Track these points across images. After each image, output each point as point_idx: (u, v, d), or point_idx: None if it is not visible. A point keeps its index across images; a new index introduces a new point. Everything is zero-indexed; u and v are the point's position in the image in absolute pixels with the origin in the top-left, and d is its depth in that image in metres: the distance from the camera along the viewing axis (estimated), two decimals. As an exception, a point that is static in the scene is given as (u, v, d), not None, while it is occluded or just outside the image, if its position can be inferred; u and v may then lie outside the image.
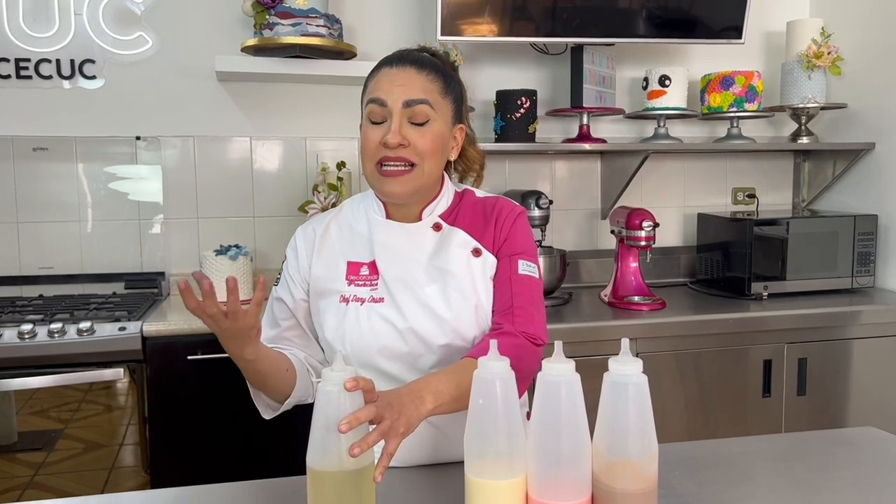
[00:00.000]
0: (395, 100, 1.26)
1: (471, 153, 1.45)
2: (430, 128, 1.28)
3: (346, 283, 1.34)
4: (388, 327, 1.30)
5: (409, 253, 1.34)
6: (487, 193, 1.45)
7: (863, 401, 2.52)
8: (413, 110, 1.27)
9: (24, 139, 2.56)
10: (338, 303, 1.33)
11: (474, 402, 0.97)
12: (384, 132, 1.26)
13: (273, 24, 2.41)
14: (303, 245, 1.39)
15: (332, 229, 1.40)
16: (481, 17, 2.58)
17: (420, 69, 1.30)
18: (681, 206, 3.09)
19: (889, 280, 2.78)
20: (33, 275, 2.58)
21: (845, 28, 2.89)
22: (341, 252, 1.37)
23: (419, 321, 1.30)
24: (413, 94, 1.27)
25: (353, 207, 1.43)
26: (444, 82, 1.32)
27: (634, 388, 0.95)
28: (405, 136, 1.26)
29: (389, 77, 1.29)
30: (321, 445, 0.96)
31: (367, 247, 1.36)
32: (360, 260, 1.35)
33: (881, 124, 2.80)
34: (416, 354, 1.31)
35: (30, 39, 2.53)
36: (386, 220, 1.37)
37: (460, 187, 1.45)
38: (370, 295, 1.32)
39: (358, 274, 1.34)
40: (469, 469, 0.98)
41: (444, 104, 1.31)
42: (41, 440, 2.13)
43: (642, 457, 0.95)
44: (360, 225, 1.39)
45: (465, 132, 1.40)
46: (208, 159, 2.69)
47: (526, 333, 1.29)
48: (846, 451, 1.35)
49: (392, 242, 1.35)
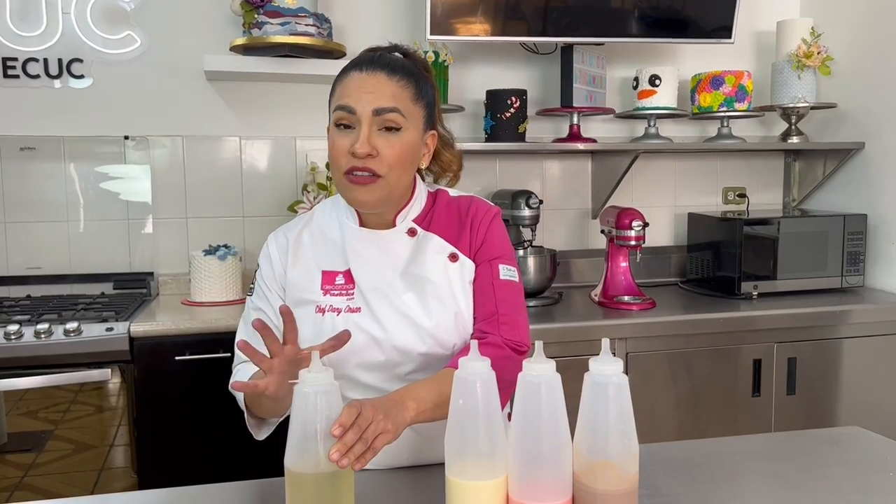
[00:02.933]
0: (363, 107, 1.22)
1: (446, 157, 1.41)
2: (401, 137, 1.24)
3: (322, 292, 1.31)
4: (366, 337, 1.28)
5: (384, 261, 1.32)
6: (461, 193, 1.42)
7: (852, 400, 2.52)
8: (383, 119, 1.23)
9: (11, 139, 2.54)
10: (314, 313, 1.30)
11: (455, 403, 0.96)
12: (353, 140, 1.22)
13: (262, 23, 2.41)
14: (276, 252, 1.36)
15: (305, 237, 1.37)
16: (471, 17, 2.57)
17: (391, 74, 1.25)
18: (671, 205, 3.09)
19: (878, 279, 2.79)
20: (21, 275, 2.57)
21: (835, 28, 2.89)
22: (315, 261, 1.34)
23: (398, 331, 1.28)
24: (383, 102, 1.22)
25: (324, 214, 1.39)
26: (415, 87, 1.27)
27: (615, 389, 0.94)
28: (374, 146, 1.22)
29: (359, 83, 1.24)
30: (299, 447, 0.95)
31: (341, 255, 1.33)
32: (335, 269, 1.32)
33: (871, 124, 2.80)
34: (393, 363, 1.29)
35: (17, 38, 2.51)
36: (359, 228, 1.34)
37: (433, 187, 1.42)
38: (346, 305, 1.29)
39: (333, 283, 1.31)
40: (450, 470, 0.97)
41: (415, 111, 1.27)
42: (31, 441, 2.12)
43: (623, 457, 0.95)
44: (333, 232, 1.36)
45: (437, 138, 1.36)
46: (197, 159, 2.68)
47: (512, 342, 1.28)
48: (832, 451, 1.35)
49: (366, 251, 1.32)
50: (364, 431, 0.99)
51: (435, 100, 1.35)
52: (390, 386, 1.27)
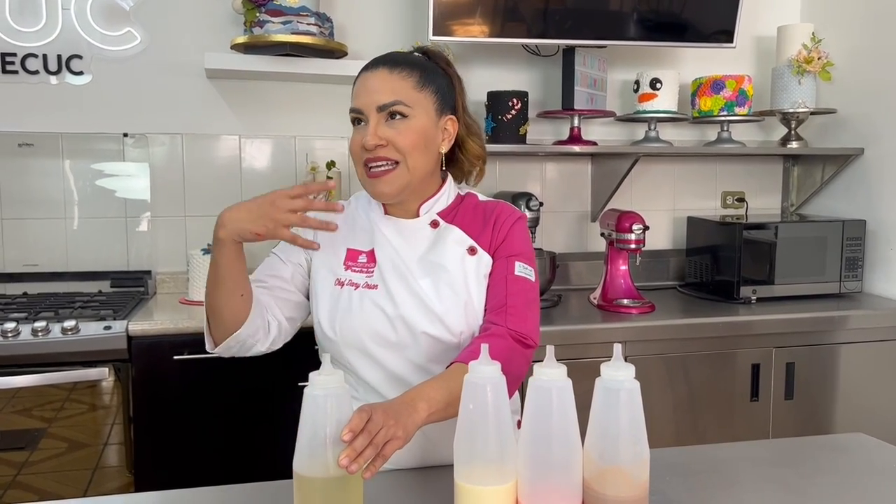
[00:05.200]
0: (367, 106, 1.31)
1: (471, 146, 1.45)
2: (409, 124, 1.31)
3: (344, 267, 1.38)
4: (379, 312, 1.33)
5: (405, 246, 1.38)
6: (489, 198, 1.47)
7: (850, 405, 2.53)
8: (388, 113, 1.31)
9: (9, 135, 2.52)
10: (333, 285, 1.37)
11: (464, 407, 0.96)
12: (364, 135, 1.31)
13: (263, 22, 2.39)
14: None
15: (337, 219, 1.41)
16: (473, 18, 2.57)
17: (392, 69, 1.33)
18: (671, 209, 3.09)
19: (876, 285, 2.79)
20: (18, 272, 2.55)
21: (836, 33, 2.90)
22: (342, 239, 1.41)
23: (408, 309, 1.33)
24: (383, 98, 1.30)
25: (358, 203, 1.48)
26: (419, 75, 1.33)
27: (626, 394, 0.94)
28: (382, 136, 1.30)
29: (364, 83, 1.33)
30: (308, 451, 0.94)
31: (368, 237, 1.40)
32: (360, 248, 1.39)
33: (870, 130, 2.81)
34: (404, 344, 1.33)
35: (16, 34, 2.49)
36: (385, 216, 1.41)
37: (464, 190, 1.48)
38: (365, 281, 1.36)
39: (356, 261, 1.38)
40: (458, 474, 0.97)
41: (421, 97, 1.33)
42: (24, 439, 2.10)
43: (634, 463, 0.95)
44: (363, 219, 1.43)
45: (457, 123, 1.40)
46: (196, 157, 2.67)
47: (517, 332, 1.29)
48: (835, 457, 1.35)
49: (390, 236, 1.39)
50: (374, 437, 0.99)
51: (452, 86, 1.40)
52: (400, 367, 1.34)
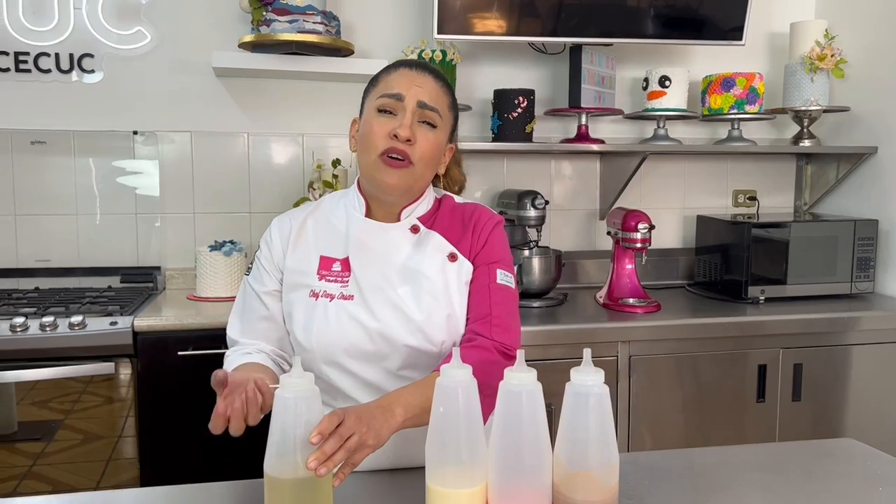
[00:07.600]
0: (412, 97, 1.31)
1: (454, 173, 1.50)
2: (435, 134, 1.33)
3: (318, 277, 1.35)
4: (356, 325, 1.31)
5: (384, 253, 1.35)
6: (466, 200, 1.47)
7: (858, 408, 2.49)
8: (424, 113, 1.31)
9: (22, 132, 2.57)
10: (307, 297, 1.34)
11: (436, 410, 0.97)
12: (394, 125, 1.29)
13: (270, 21, 2.41)
14: (278, 236, 1.40)
15: (309, 223, 1.41)
16: (479, 16, 2.56)
17: (437, 79, 1.36)
18: (680, 207, 3.06)
19: (888, 286, 2.75)
20: (30, 267, 2.59)
21: (850, 30, 2.85)
22: (315, 247, 1.38)
23: (388, 322, 1.31)
24: (429, 99, 1.32)
25: (332, 203, 1.44)
26: (451, 98, 1.39)
27: (596, 399, 0.94)
28: (414, 133, 1.30)
29: (409, 77, 1.34)
30: (277, 452, 0.96)
31: (342, 243, 1.37)
32: (334, 256, 1.36)
33: (884, 128, 2.77)
34: (382, 354, 1.32)
35: (29, 33, 2.53)
36: (364, 219, 1.38)
37: (440, 193, 1.47)
38: (340, 291, 1.33)
39: (330, 269, 1.35)
40: (430, 477, 0.97)
41: (448, 117, 1.37)
42: (41, 430, 2.14)
43: (603, 468, 0.95)
44: (338, 221, 1.40)
45: (454, 152, 1.44)
46: (205, 155, 2.70)
47: (502, 344, 1.29)
48: (824, 463, 1.33)
49: (368, 241, 1.36)
50: (346, 441, 1.00)
51: (457, 120, 1.44)
52: (377, 377, 1.32)
